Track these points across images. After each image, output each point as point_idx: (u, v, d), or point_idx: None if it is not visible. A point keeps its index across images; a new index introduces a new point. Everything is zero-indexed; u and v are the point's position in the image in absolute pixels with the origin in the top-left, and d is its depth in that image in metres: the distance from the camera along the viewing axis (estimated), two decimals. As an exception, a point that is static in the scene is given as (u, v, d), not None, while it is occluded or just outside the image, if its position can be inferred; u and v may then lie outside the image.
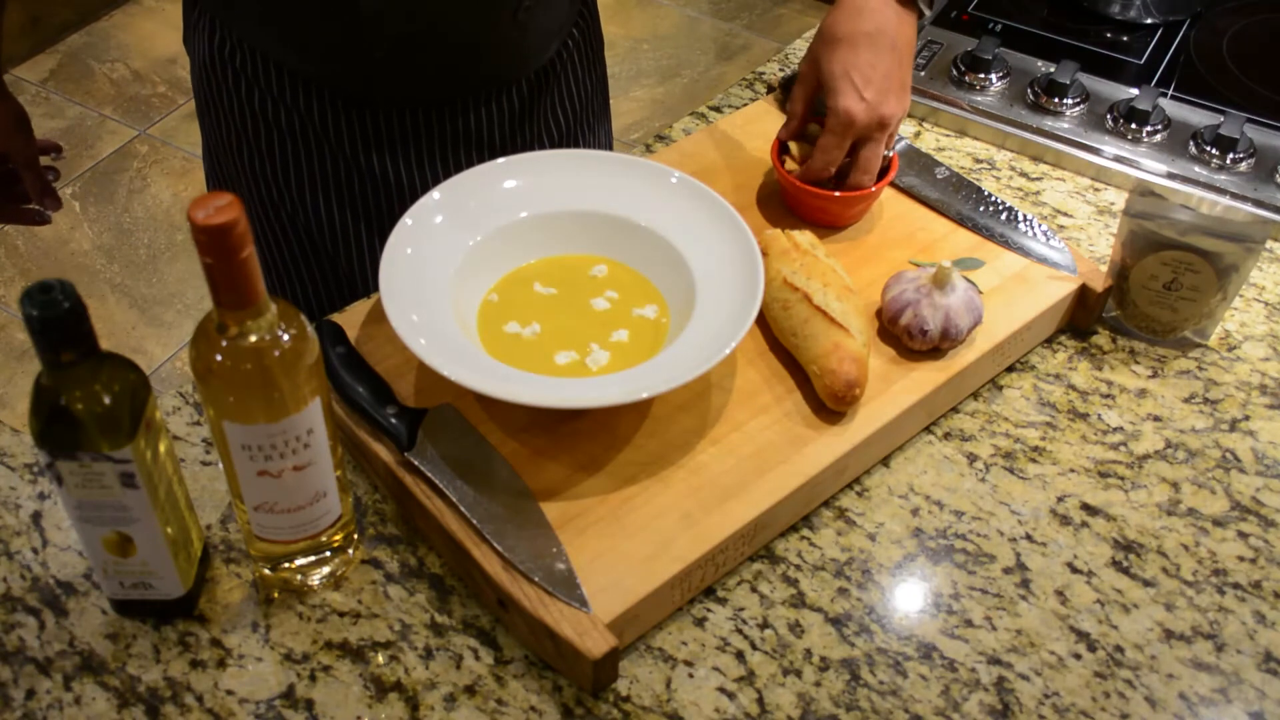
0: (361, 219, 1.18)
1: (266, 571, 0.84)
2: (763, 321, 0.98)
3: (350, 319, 0.98)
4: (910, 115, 1.27)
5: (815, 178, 1.04)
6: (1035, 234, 1.06)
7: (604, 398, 0.85)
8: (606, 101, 1.31)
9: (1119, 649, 0.84)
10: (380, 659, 0.81)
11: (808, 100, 1.07)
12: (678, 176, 1.01)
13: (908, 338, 0.95)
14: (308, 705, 0.79)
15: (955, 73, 1.27)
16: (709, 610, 0.85)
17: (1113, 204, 1.18)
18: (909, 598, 0.86)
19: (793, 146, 1.09)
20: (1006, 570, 0.88)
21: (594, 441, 0.89)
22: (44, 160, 1.25)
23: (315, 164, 1.14)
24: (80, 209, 2.70)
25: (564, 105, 1.21)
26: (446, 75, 1.09)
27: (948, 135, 1.25)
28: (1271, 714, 0.81)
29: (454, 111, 1.12)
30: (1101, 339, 1.05)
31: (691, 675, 0.82)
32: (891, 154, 1.07)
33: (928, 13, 1.05)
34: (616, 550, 0.82)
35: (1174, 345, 1.04)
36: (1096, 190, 1.19)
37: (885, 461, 0.95)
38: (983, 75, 1.26)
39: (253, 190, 1.18)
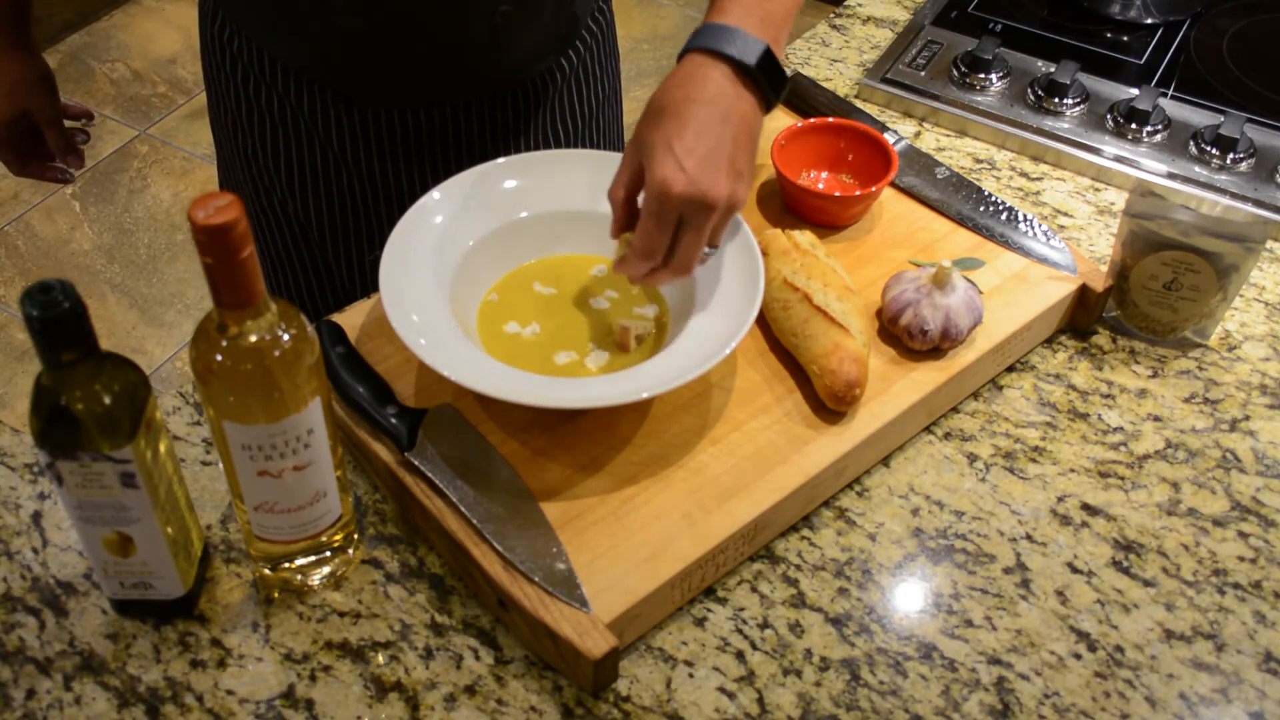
0: (350, 215, 1.18)
1: (266, 571, 0.84)
2: (763, 321, 0.98)
3: (350, 319, 0.98)
4: (910, 115, 1.27)
5: (637, 271, 0.87)
6: (1035, 234, 1.06)
7: (604, 398, 0.85)
8: (618, 116, 1.29)
9: (1119, 649, 0.84)
10: (380, 659, 0.81)
11: (629, 185, 0.88)
12: (678, 176, 1.00)
13: (908, 338, 0.95)
14: (308, 705, 0.79)
15: (955, 73, 1.27)
16: (709, 610, 0.85)
17: (1113, 204, 1.18)
18: (909, 598, 0.86)
19: (621, 244, 0.93)
20: (1007, 570, 0.88)
21: (594, 441, 0.89)
22: (74, 125, 1.26)
23: (306, 156, 1.14)
24: (80, 209, 2.70)
25: (567, 118, 1.20)
26: (427, 76, 1.09)
27: (948, 135, 1.25)
28: (1271, 714, 0.81)
29: (444, 115, 1.12)
30: (1101, 339, 1.05)
31: (691, 675, 0.82)
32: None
33: (773, 100, 0.89)
34: (616, 550, 0.82)
35: (1174, 345, 1.04)
36: (1096, 190, 1.19)
37: (885, 461, 0.95)
38: (983, 75, 1.26)
39: (247, 176, 1.19)
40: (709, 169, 0.83)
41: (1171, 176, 1.18)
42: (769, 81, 0.87)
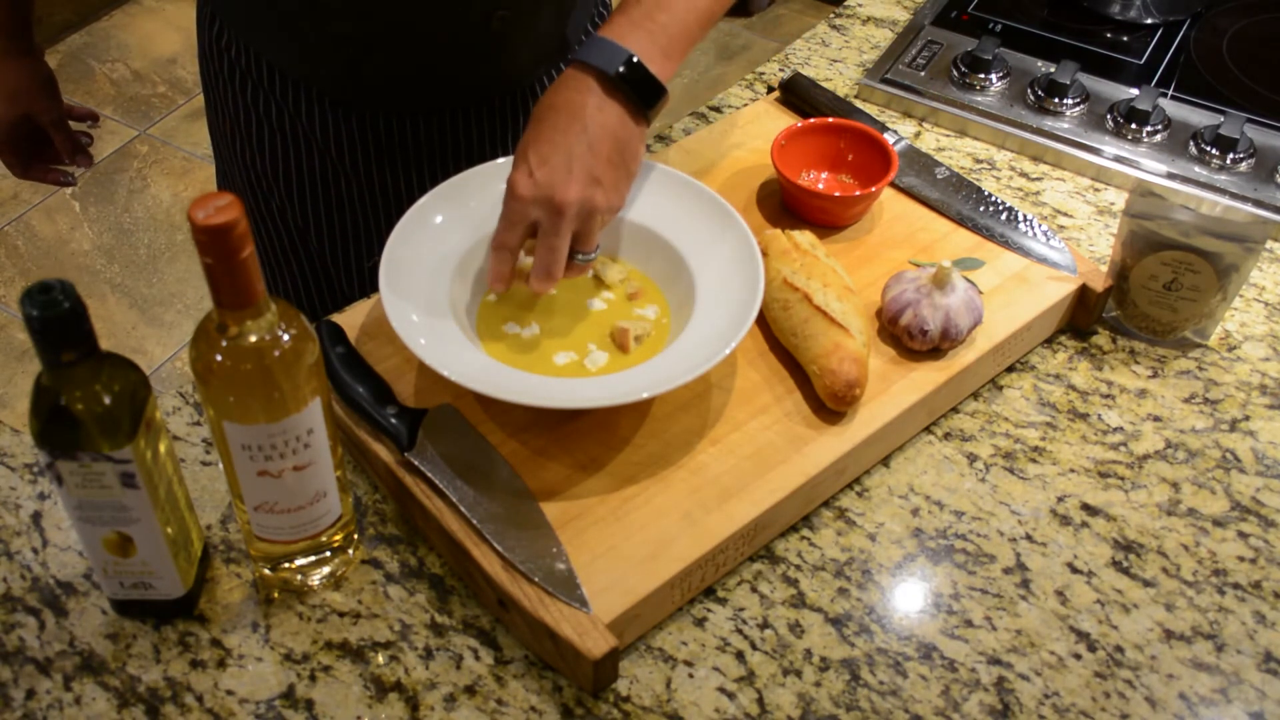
0: (348, 221, 1.18)
1: (266, 571, 0.84)
2: (763, 321, 0.98)
3: (350, 319, 0.98)
4: (910, 115, 1.27)
5: (494, 275, 0.90)
6: (1035, 234, 1.06)
7: (604, 398, 0.85)
8: None
9: (1119, 649, 0.84)
10: (380, 659, 0.81)
11: None
12: (678, 176, 1.00)
13: (908, 338, 0.95)
14: (308, 705, 0.79)
15: (955, 73, 1.27)
16: (709, 610, 0.85)
17: (1113, 204, 1.18)
18: (909, 598, 0.86)
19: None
20: (1006, 570, 0.88)
21: (594, 441, 0.89)
22: (80, 127, 1.26)
23: (304, 163, 1.14)
24: (80, 209, 2.70)
25: None
26: (424, 83, 1.09)
27: (948, 135, 1.25)
28: (1271, 714, 0.81)
29: (443, 121, 1.12)
30: (1101, 339, 1.05)
31: (691, 675, 0.82)
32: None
33: (644, 109, 0.90)
34: (616, 550, 0.82)
35: (1174, 345, 1.04)
36: (1096, 190, 1.19)
37: (885, 461, 0.95)
38: (983, 75, 1.26)
39: (245, 182, 1.19)
40: (557, 173, 0.85)
41: (1171, 176, 1.18)
42: (636, 91, 0.88)
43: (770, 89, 1.23)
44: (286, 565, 0.83)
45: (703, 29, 0.93)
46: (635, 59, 0.88)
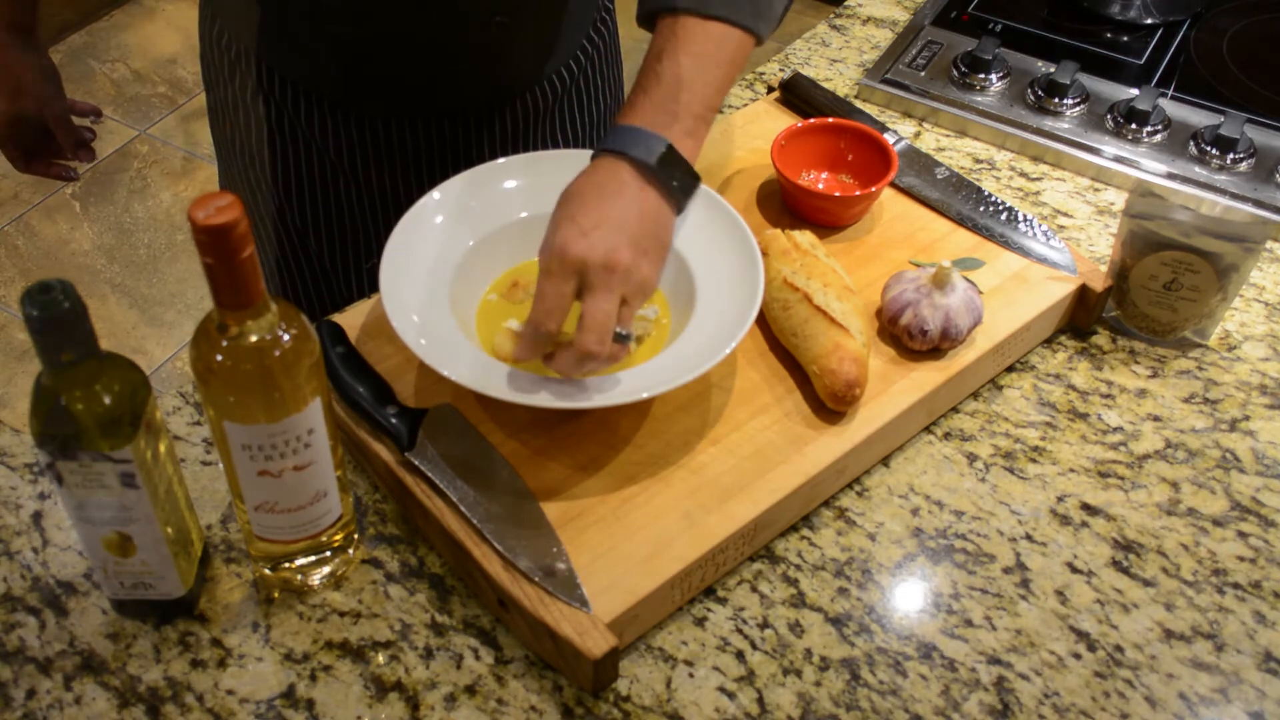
0: (347, 223, 1.18)
1: (266, 571, 0.84)
2: (763, 321, 0.98)
3: (350, 319, 0.98)
4: (910, 115, 1.27)
5: (531, 336, 0.83)
6: (1035, 234, 1.06)
7: (604, 398, 0.85)
8: None
9: (1119, 649, 0.84)
10: (380, 659, 0.81)
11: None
12: (678, 176, 1.00)
13: (908, 338, 0.95)
14: (308, 705, 0.79)
15: (955, 73, 1.27)
16: (709, 610, 0.85)
17: (1113, 204, 1.18)
18: (909, 598, 0.86)
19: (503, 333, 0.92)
20: (1006, 570, 0.88)
21: (594, 441, 0.89)
22: (83, 122, 1.26)
23: (303, 165, 1.14)
24: (80, 209, 2.70)
25: (568, 129, 1.20)
26: (422, 88, 1.08)
27: (948, 135, 1.25)
28: (1271, 714, 0.81)
29: (442, 126, 1.12)
30: (1101, 339, 1.05)
31: (692, 675, 0.82)
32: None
33: (681, 197, 0.87)
34: (617, 550, 0.82)
35: (1174, 345, 1.04)
36: (1096, 190, 1.19)
37: (885, 461, 0.95)
38: (983, 75, 1.26)
39: (245, 182, 1.19)
40: (611, 236, 0.81)
41: (1171, 176, 1.18)
42: (673, 178, 0.86)
43: (770, 89, 1.23)
44: (287, 565, 0.83)
45: (721, 97, 0.90)
46: (671, 146, 0.86)
